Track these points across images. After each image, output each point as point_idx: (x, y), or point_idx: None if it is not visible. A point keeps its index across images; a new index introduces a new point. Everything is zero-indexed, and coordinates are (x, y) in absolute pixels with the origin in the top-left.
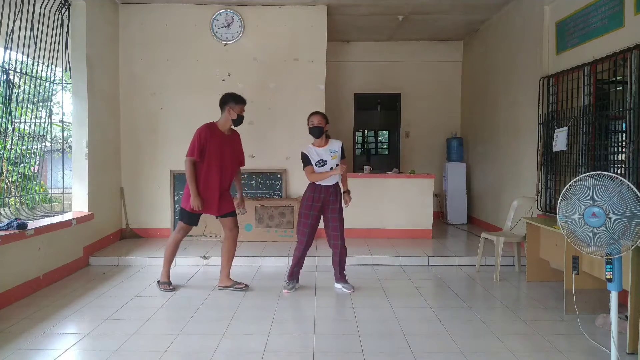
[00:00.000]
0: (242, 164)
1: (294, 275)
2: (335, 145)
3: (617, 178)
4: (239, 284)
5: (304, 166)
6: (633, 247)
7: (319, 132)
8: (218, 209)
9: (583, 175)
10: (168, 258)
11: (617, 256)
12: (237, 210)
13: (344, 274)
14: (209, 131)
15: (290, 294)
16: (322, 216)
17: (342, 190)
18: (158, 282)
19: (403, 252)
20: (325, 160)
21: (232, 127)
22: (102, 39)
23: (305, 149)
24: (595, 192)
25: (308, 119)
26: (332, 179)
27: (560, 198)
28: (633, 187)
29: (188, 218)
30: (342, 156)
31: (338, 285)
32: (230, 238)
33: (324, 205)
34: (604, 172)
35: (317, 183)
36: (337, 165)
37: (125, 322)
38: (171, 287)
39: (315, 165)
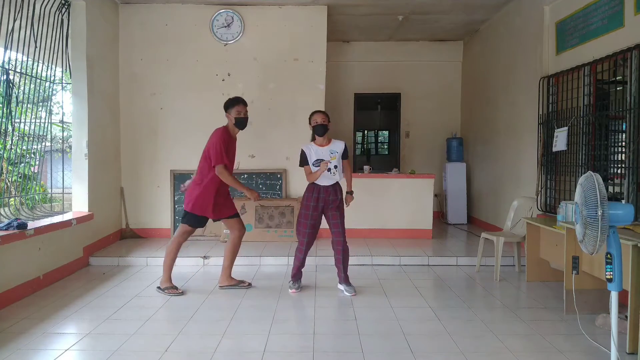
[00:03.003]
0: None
1: (297, 275)
2: (338, 145)
3: (590, 176)
4: (243, 282)
5: (301, 164)
6: (598, 245)
7: (323, 130)
8: (228, 210)
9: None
10: (170, 263)
11: (594, 252)
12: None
13: (347, 275)
14: (227, 135)
15: (296, 293)
16: (323, 216)
17: (344, 191)
18: (159, 288)
19: (403, 252)
20: (323, 160)
21: (238, 130)
22: (102, 39)
23: (306, 146)
24: (578, 190)
25: (310, 118)
26: (330, 178)
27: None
28: (595, 182)
29: (195, 221)
30: (345, 157)
31: (340, 287)
32: (237, 238)
33: (324, 205)
34: (591, 172)
35: (316, 183)
36: (335, 167)
37: (125, 322)
38: (180, 291)
39: (313, 164)
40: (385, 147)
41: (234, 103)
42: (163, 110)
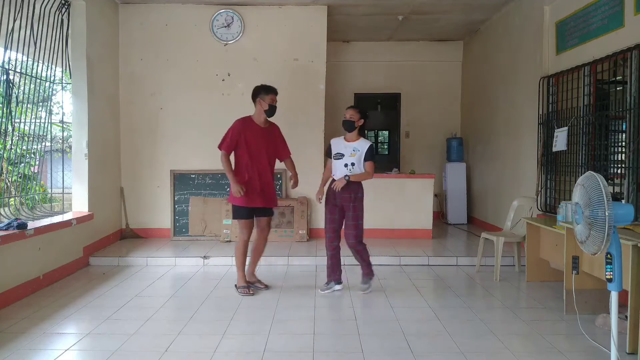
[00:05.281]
0: (287, 154)
1: (330, 275)
2: (362, 145)
3: (593, 176)
4: (261, 283)
5: (325, 154)
6: (604, 245)
7: (348, 126)
8: (262, 200)
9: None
10: (241, 263)
11: (598, 253)
12: (292, 184)
13: (365, 271)
14: (243, 124)
15: (326, 293)
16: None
17: (358, 187)
18: (235, 286)
19: (403, 252)
20: (343, 155)
21: (267, 118)
22: (102, 39)
23: (335, 139)
24: (579, 190)
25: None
26: (340, 172)
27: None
28: (600, 182)
29: (241, 213)
30: (367, 158)
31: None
32: (261, 237)
33: (341, 201)
34: (592, 172)
35: (334, 178)
36: (352, 164)
37: (125, 322)
38: (252, 292)
39: (333, 157)
40: (385, 147)
41: (270, 91)
42: (163, 110)
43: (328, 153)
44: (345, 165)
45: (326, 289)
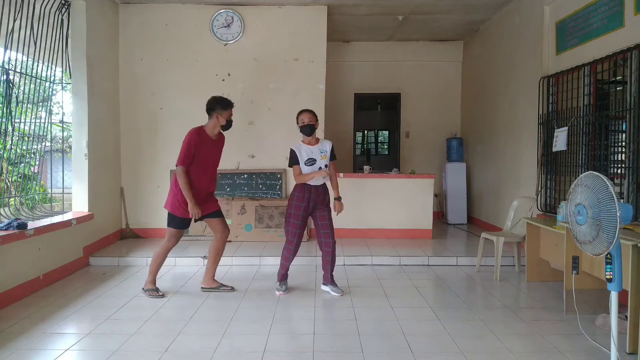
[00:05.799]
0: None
1: (286, 276)
2: (326, 145)
3: (598, 176)
4: (225, 286)
5: (290, 164)
6: (614, 245)
7: (310, 130)
8: (204, 209)
9: (581, 175)
10: (156, 267)
11: (604, 253)
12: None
13: (332, 275)
14: (198, 137)
15: (285, 294)
16: (310, 217)
17: (331, 195)
18: (143, 289)
19: (403, 252)
20: (315, 160)
21: (221, 131)
22: (102, 39)
23: (295, 146)
24: (581, 191)
25: (297, 117)
26: (320, 179)
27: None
28: (607, 182)
29: (178, 223)
30: (332, 157)
31: (326, 288)
32: (220, 240)
33: (314, 205)
34: (593, 172)
35: (307, 183)
36: (326, 165)
37: (125, 322)
38: (160, 293)
39: (305, 163)
40: (385, 147)
41: (228, 106)
42: (163, 110)
43: (295, 161)
44: (320, 169)
45: (285, 290)
